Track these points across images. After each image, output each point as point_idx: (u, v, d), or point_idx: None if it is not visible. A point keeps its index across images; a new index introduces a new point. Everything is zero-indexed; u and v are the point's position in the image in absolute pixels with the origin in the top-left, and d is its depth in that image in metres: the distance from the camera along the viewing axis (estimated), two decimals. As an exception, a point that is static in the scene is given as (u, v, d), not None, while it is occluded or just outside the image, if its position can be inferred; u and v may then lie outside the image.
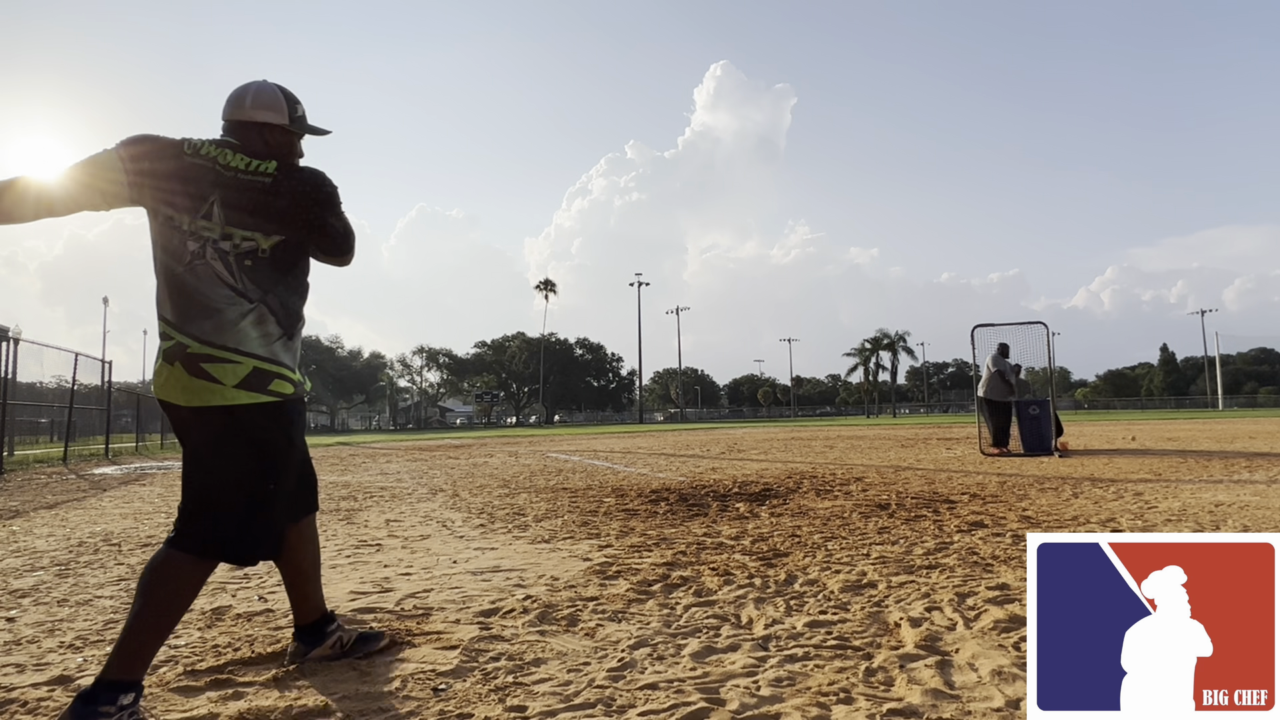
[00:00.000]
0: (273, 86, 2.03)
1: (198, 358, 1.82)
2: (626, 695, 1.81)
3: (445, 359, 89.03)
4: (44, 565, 3.68)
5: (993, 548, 3.43)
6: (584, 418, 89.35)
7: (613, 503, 5.51)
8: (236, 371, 1.83)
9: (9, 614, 2.75)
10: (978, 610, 2.44)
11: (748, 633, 2.28)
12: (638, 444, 16.54)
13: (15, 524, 5.33)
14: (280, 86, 2.05)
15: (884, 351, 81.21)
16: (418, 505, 5.77)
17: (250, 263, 1.87)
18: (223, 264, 1.85)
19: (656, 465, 9.50)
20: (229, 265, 1.86)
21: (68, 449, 13.14)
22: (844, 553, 3.43)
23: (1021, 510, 4.60)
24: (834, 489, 6.07)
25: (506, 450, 14.82)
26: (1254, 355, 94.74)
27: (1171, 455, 8.87)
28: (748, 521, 4.45)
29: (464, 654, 2.14)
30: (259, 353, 1.87)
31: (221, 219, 1.86)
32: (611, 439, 20.90)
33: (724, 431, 26.14)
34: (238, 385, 1.83)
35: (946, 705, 1.71)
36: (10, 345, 10.77)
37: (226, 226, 1.86)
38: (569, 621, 2.44)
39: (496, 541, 4.00)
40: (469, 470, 9.40)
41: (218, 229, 1.85)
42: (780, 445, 13.99)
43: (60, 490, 7.99)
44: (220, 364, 1.82)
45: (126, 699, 1.67)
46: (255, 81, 2.03)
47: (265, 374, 1.87)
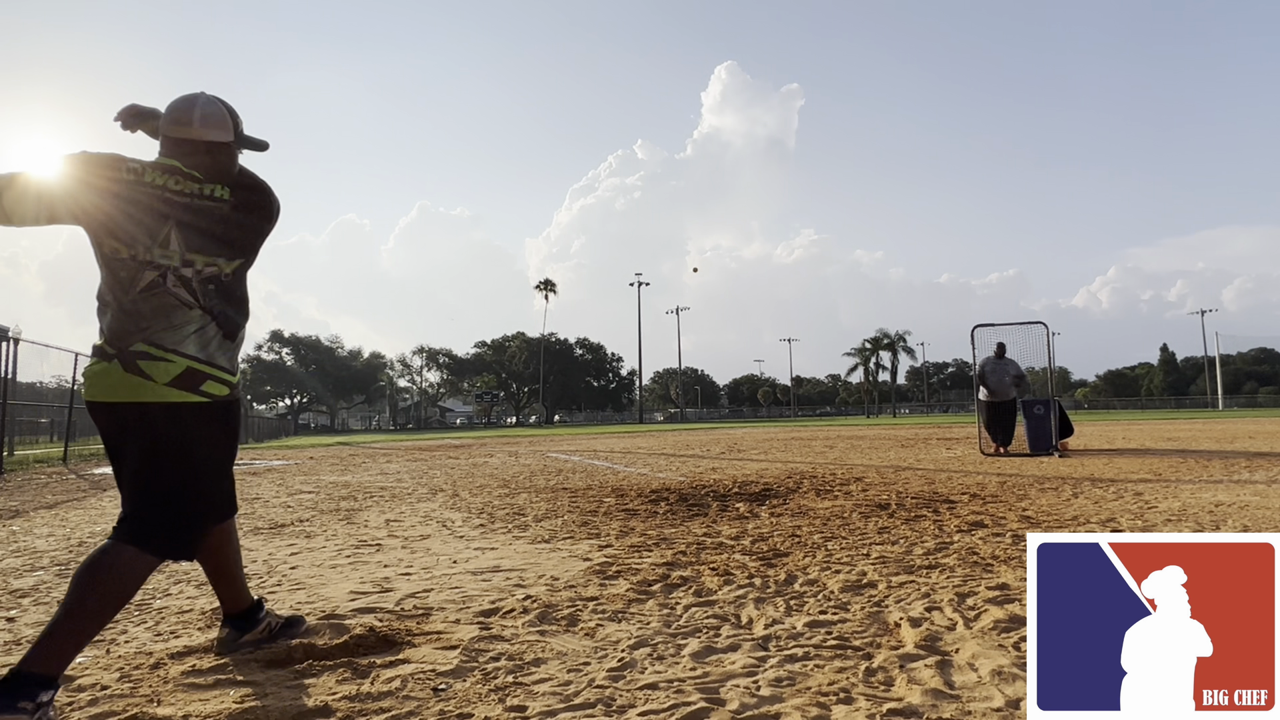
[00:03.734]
0: (218, 102, 2.01)
1: (135, 354, 1.85)
2: (626, 695, 1.81)
3: (445, 359, 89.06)
4: (44, 565, 3.68)
5: (993, 548, 3.43)
6: (584, 418, 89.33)
7: (613, 503, 5.51)
8: (169, 370, 1.85)
9: (9, 614, 2.75)
10: (978, 610, 2.44)
11: (748, 633, 2.28)
12: (638, 444, 16.54)
13: (15, 524, 5.33)
14: (222, 101, 2.03)
15: (884, 351, 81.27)
16: (418, 505, 5.77)
17: (214, 286, 1.93)
18: (186, 289, 1.89)
19: (656, 465, 9.50)
20: (192, 290, 1.90)
21: (68, 449, 13.15)
22: (844, 553, 3.43)
23: (1021, 510, 4.60)
24: (834, 489, 6.07)
25: (506, 450, 14.81)
26: (1254, 355, 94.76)
27: (1171, 455, 8.87)
28: (748, 521, 4.45)
29: (464, 654, 2.13)
30: (194, 354, 1.89)
31: (181, 247, 1.88)
32: (611, 439, 20.90)
33: (724, 431, 26.13)
34: (169, 383, 1.85)
35: (946, 705, 1.71)
36: (10, 345, 10.78)
37: (188, 254, 1.88)
38: (569, 621, 2.44)
39: (496, 541, 4.00)
40: (469, 470, 9.40)
41: (177, 257, 1.87)
42: (780, 445, 13.98)
43: (60, 490, 7.99)
44: (153, 362, 1.85)
45: (45, 696, 1.63)
46: (199, 96, 2.00)
47: (197, 374, 1.89)
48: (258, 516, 5.34)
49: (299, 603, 2.77)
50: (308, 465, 11.69)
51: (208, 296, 1.91)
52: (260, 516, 5.34)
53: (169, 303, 1.87)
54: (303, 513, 5.49)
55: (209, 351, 1.92)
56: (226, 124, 1.99)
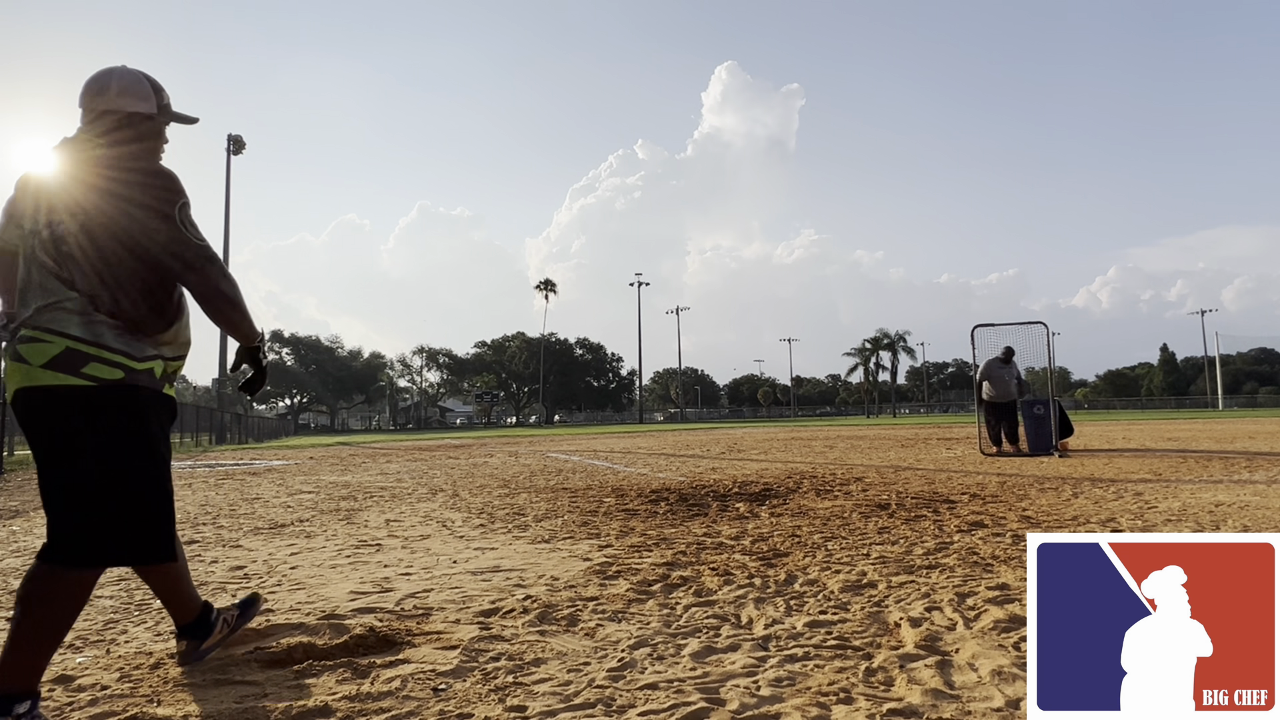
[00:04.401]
0: (138, 73, 1.90)
1: (17, 339, 1.72)
2: (626, 695, 1.81)
3: (445, 359, 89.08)
4: (44, 565, 3.68)
5: (993, 548, 3.43)
6: (584, 418, 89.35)
7: (613, 503, 5.51)
8: (45, 351, 1.68)
9: (9, 614, 2.74)
10: (978, 610, 2.44)
11: (748, 633, 2.28)
12: (638, 444, 16.54)
13: (15, 524, 5.33)
14: (144, 73, 1.92)
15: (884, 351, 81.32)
16: (418, 505, 5.77)
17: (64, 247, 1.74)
18: (45, 254, 1.74)
19: (656, 465, 9.50)
20: (49, 253, 1.74)
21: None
22: (844, 553, 3.43)
23: (1021, 510, 4.60)
24: (834, 489, 6.07)
25: (506, 450, 14.82)
26: (1254, 355, 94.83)
27: (1171, 455, 8.87)
28: (748, 521, 4.45)
29: (464, 654, 2.13)
30: (75, 334, 1.69)
31: (46, 209, 1.77)
32: (611, 439, 20.90)
33: (724, 431, 26.13)
34: (45, 365, 1.67)
35: (946, 705, 1.71)
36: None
37: (51, 215, 1.76)
38: (569, 621, 2.44)
39: (496, 541, 4.00)
40: (469, 470, 9.40)
41: (42, 218, 1.77)
42: (780, 445, 13.98)
43: (60, 490, 7.98)
44: (30, 344, 1.69)
45: (22, 708, 1.62)
46: (117, 67, 1.89)
47: (78, 355, 1.68)
48: (258, 517, 5.35)
49: (299, 603, 2.77)
50: (308, 465, 11.69)
51: (68, 264, 1.71)
52: (260, 516, 5.34)
53: (37, 274, 1.73)
54: (303, 513, 5.49)
55: (96, 330, 1.70)
56: (148, 94, 1.87)
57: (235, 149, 33.29)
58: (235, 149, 33.29)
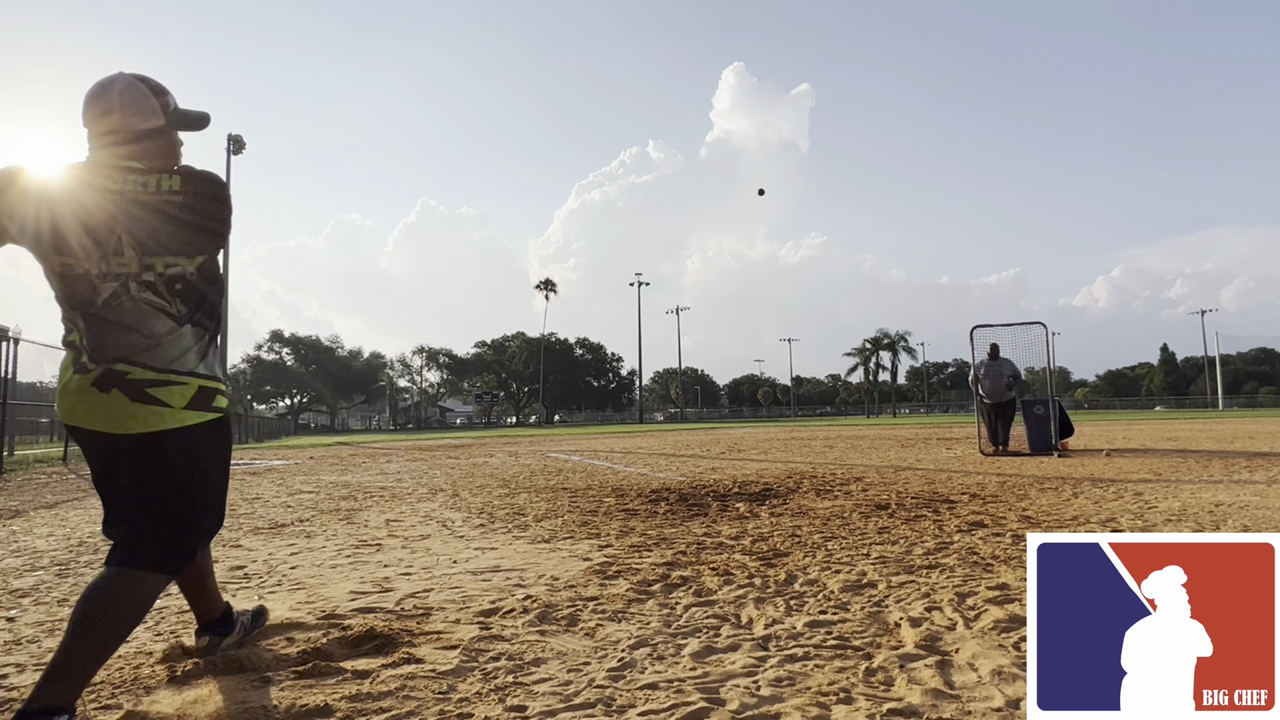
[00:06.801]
0: (136, 83, 1.81)
1: (142, 384, 1.73)
2: (626, 695, 1.81)
3: (445, 359, 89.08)
4: (44, 565, 3.68)
5: (993, 548, 3.43)
6: (584, 418, 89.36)
7: (613, 502, 5.50)
8: (184, 393, 1.79)
9: (9, 614, 2.74)
10: (978, 610, 2.44)
11: (748, 633, 2.28)
12: (638, 444, 16.53)
13: (15, 524, 5.33)
14: (142, 78, 1.84)
15: (884, 351, 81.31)
16: (418, 505, 5.77)
17: (180, 286, 1.78)
18: (153, 293, 1.75)
19: (656, 465, 9.50)
20: (160, 293, 1.76)
21: (68, 449, 13.12)
22: (844, 553, 3.43)
23: (1021, 510, 4.60)
24: (834, 489, 6.06)
25: (506, 450, 14.81)
26: (1254, 355, 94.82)
27: (1171, 455, 8.87)
28: (748, 521, 4.45)
29: (464, 654, 2.13)
30: (199, 370, 1.83)
31: (138, 250, 1.73)
32: (611, 439, 20.89)
33: (724, 431, 26.13)
34: (187, 406, 1.79)
35: (946, 705, 1.71)
36: (10, 345, 10.78)
37: (145, 258, 1.74)
38: (569, 621, 2.44)
39: (496, 541, 4.00)
40: (469, 470, 9.39)
41: (135, 262, 1.73)
42: (780, 445, 13.98)
43: (60, 490, 7.98)
44: (167, 387, 1.76)
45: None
46: (115, 79, 1.81)
47: (209, 392, 1.84)
48: (258, 516, 5.34)
49: (299, 603, 2.77)
50: (308, 465, 11.69)
51: (178, 301, 1.78)
52: (260, 516, 5.34)
53: (141, 311, 1.75)
54: (303, 512, 5.49)
55: (209, 363, 1.85)
56: (152, 106, 1.82)
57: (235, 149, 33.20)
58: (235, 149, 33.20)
